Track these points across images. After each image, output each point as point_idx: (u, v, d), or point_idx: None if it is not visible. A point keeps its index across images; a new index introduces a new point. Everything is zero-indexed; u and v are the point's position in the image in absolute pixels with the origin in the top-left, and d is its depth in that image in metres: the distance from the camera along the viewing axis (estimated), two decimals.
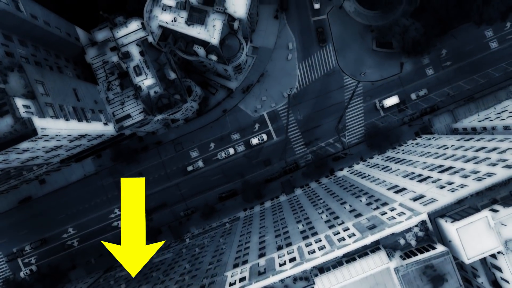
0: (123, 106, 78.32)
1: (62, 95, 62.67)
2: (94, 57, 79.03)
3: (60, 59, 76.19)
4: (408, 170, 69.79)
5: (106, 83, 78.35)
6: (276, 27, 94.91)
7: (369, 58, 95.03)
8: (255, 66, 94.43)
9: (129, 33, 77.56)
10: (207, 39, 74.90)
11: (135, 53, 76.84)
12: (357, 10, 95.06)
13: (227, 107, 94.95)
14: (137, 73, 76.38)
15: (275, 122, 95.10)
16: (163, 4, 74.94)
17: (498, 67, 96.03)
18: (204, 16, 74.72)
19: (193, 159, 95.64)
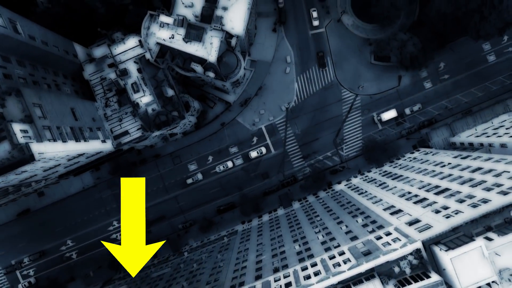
0: (121, 123, 78.52)
1: (60, 116, 62.85)
2: (92, 73, 79.18)
3: (58, 76, 76.29)
4: (404, 188, 70.06)
5: (104, 99, 78.53)
6: (274, 40, 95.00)
7: (367, 71, 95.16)
8: (253, 79, 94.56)
9: (127, 50, 77.75)
10: (204, 56, 75.00)
11: (132, 70, 77.01)
12: (355, 24, 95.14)
13: (225, 121, 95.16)
14: (134, 90, 76.55)
15: (273, 136, 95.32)
16: (160, 22, 74.99)
17: (495, 80, 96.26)
18: (201, 34, 74.81)
19: (192, 172, 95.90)
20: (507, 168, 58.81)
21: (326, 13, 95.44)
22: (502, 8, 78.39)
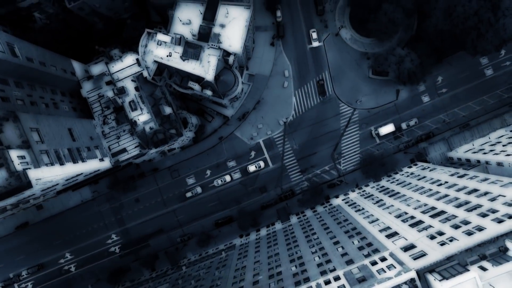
0: (119, 140, 78.71)
1: (57, 138, 63.05)
2: (90, 91, 79.28)
3: (56, 94, 76.40)
4: (401, 208, 70.33)
5: (102, 117, 78.69)
6: (272, 54, 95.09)
7: (365, 85, 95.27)
8: (251, 93, 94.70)
9: (124, 68, 77.78)
10: (202, 75, 75.14)
11: (130, 88, 77.13)
12: (354, 38, 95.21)
13: (223, 135, 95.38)
14: (132, 108, 76.69)
15: (271, 150, 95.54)
16: (158, 40, 75.12)
17: (493, 94, 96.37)
18: (199, 52, 74.94)
19: (190, 186, 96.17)
20: (503, 192, 59.05)
21: (324, 27, 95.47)
22: (498, 26, 78.52)
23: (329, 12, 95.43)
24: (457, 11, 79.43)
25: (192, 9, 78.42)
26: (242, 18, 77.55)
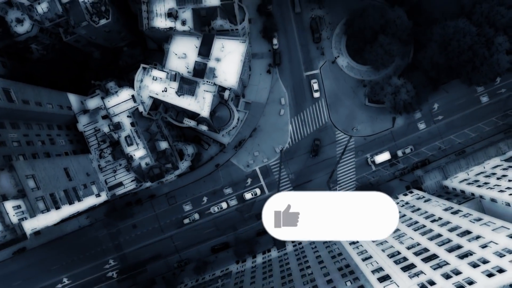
0: (115, 174, 79.20)
1: (53, 181, 63.55)
2: (86, 124, 79.62)
3: (53, 129, 76.84)
4: (394, 246, 70.91)
5: (98, 151, 79.12)
6: (268, 81, 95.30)
7: (362, 113, 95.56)
8: (247, 121, 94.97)
9: (120, 102, 78.03)
10: (197, 111, 75.47)
11: (126, 123, 77.46)
12: (350, 65, 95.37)
13: (220, 162, 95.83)
14: (128, 143, 77.08)
15: (267, 177, 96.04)
16: (153, 76, 75.36)
17: (489, 121, 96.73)
18: (194, 88, 75.21)
19: (187, 212, 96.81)
20: (495, 238, 59.65)
21: (320, 54, 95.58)
22: (492, 60, 78.77)
23: (325, 39, 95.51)
24: (452, 46, 79.63)
25: (188, 43, 78.74)
26: (238, 52, 77.77)
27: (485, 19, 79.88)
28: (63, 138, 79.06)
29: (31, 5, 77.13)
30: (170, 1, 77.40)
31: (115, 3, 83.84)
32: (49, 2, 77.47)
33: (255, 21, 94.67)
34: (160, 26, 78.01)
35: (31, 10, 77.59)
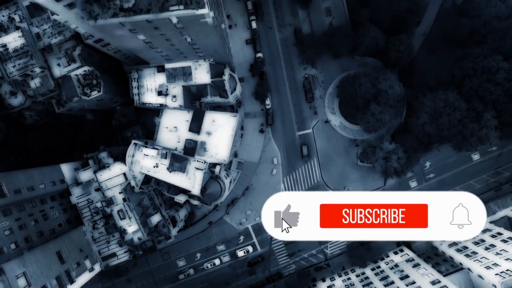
0: (109, 245, 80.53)
1: (45, 270, 64.84)
2: (79, 196, 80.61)
3: (46, 202, 77.86)
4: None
5: (92, 222, 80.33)
6: (261, 141, 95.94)
7: (353, 172, 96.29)
8: (240, 180, 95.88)
9: (112, 177, 78.92)
10: (188, 188, 76.49)
11: (118, 197, 78.45)
12: (343, 124, 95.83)
13: (213, 220, 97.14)
14: (121, 217, 78.21)
15: (259, 235, 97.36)
16: (144, 153, 76.17)
17: (479, 178, 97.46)
18: (185, 165, 76.14)
19: (181, 268, 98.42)
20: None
21: (313, 114, 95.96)
22: (482, 134, 79.23)
23: (318, 98, 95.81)
24: (442, 119, 80.00)
25: (178, 116, 79.37)
26: (229, 126, 78.33)
27: (474, 93, 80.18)
28: (56, 209, 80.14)
29: (24, 80, 77.71)
30: (161, 77, 77.83)
31: (106, 67, 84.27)
32: (41, 77, 78.12)
33: (248, 80, 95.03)
34: (151, 102, 78.64)
35: (24, 85, 78.20)
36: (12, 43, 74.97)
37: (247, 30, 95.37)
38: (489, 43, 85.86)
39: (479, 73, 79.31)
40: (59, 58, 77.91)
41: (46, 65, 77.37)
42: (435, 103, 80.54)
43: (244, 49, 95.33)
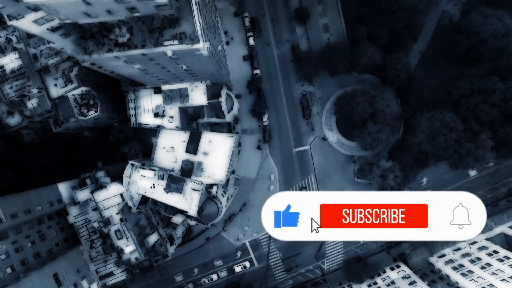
0: (106, 264, 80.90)
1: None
2: (77, 215, 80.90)
3: (43, 222, 78.14)
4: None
5: (89, 241, 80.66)
6: (258, 158, 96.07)
7: (350, 188, 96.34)
8: (237, 196, 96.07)
9: (110, 197, 79.16)
10: (185, 208, 76.62)
11: (115, 217, 78.71)
12: (340, 141, 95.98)
13: (210, 235, 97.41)
14: (118, 237, 78.49)
15: (256, 250, 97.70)
16: (141, 175, 76.34)
17: (476, 194, 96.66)
18: (182, 186, 76.17)
19: (178, 283, 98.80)
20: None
21: (311, 130, 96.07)
22: (478, 154, 79.42)
23: (316, 115, 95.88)
24: (439, 139, 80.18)
25: (175, 136, 79.44)
26: (226, 146, 78.45)
27: (471, 113, 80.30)
28: (53, 229, 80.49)
29: (22, 100, 77.86)
30: (157, 98, 77.94)
31: (104, 85, 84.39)
32: (38, 98, 78.25)
33: (245, 97, 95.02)
34: (148, 123, 78.78)
35: (21, 106, 78.35)
36: (9, 64, 75.05)
37: (245, 46, 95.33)
38: (485, 61, 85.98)
39: (476, 94, 79.44)
40: (56, 78, 78.08)
41: (43, 85, 77.50)
42: (432, 122, 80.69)
43: (242, 66, 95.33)
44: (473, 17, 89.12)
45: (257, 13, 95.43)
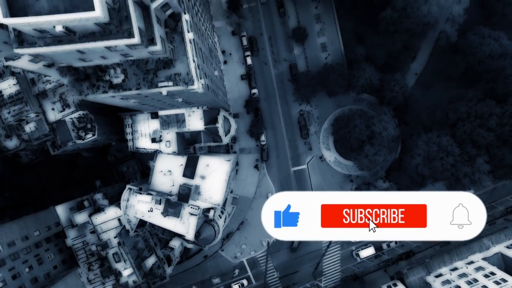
0: (104, 286, 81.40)
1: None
2: (75, 238, 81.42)
3: (41, 246, 78.61)
4: None
5: (87, 264, 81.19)
6: (256, 177, 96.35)
7: None
8: (235, 214, 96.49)
9: (107, 220, 79.64)
10: (182, 233, 77.06)
11: (113, 241, 79.23)
12: (337, 160, 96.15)
13: (208, 253, 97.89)
14: (116, 260, 79.08)
15: (254, 268, 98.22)
16: (139, 200, 76.72)
17: None
18: (179, 210, 76.57)
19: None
20: None
21: (308, 150, 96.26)
22: (475, 178, 79.63)
23: (313, 134, 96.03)
24: (436, 163, 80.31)
25: (172, 160, 79.73)
26: (222, 170, 78.80)
27: (468, 136, 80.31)
28: (51, 251, 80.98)
29: (19, 124, 78.17)
30: (154, 122, 78.10)
31: (101, 107, 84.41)
32: (36, 122, 78.49)
33: (243, 116, 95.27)
34: (145, 147, 78.98)
35: (19, 129, 78.66)
36: (7, 89, 75.30)
37: (242, 65, 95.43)
38: (483, 83, 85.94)
39: (472, 118, 79.41)
40: (54, 102, 78.20)
41: (40, 110, 77.70)
42: (429, 146, 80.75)
43: (239, 85, 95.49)
44: (470, 37, 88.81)
45: (255, 32, 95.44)
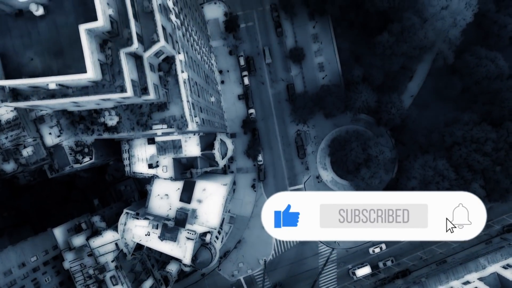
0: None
1: None
2: (72, 261, 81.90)
3: (38, 270, 79.09)
4: None
5: (85, 286, 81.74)
6: (253, 196, 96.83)
7: None
8: (232, 233, 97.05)
9: (105, 244, 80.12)
10: (179, 257, 77.45)
11: (111, 264, 79.74)
12: (334, 180, 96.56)
13: (205, 272, 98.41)
14: (113, 283, 79.58)
15: (251, 286, 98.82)
16: (136, 224, 77.18)
17: None
18: (176, 234, 77.04)
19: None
20: None
21: (305, 169, 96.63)
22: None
23: (310, 154, 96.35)
24: (431, 188, 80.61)
25: (169, 184, 79.95)
26: (219, 194, 79.10)
27: (463, 160, 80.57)
28: (49, 274, 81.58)
29: (17, 148, 78.49)
30: (151, 148, 78.34)
31: None
32: (34, 146, 78.77)
33: (240, 136, 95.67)
34: (142, 172, 79.24)
35: (16, 154, 78.97)
36: (4, 115, 75.71)
37: (240, 85, 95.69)
38: (479, 105, 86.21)
39: (468, 142, 79.69)
40: (51, 127, 78.46)
41: (38, 134, 77.98)
42: (425, 170, 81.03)
43: (236, 105, 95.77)
44: (467, 58, 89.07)
45: (252, 52, 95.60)
